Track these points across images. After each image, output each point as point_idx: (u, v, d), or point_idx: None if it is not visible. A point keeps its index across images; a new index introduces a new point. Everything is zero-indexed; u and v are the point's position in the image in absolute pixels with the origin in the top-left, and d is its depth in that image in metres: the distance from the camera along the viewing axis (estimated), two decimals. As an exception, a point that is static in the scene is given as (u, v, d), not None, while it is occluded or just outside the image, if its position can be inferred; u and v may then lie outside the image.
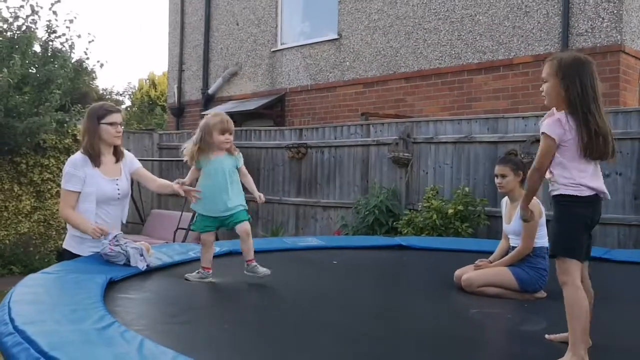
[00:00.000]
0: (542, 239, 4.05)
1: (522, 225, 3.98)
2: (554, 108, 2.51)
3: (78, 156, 3.72)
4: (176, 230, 8.96)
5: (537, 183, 2.54)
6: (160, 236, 9.38)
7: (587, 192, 2.45)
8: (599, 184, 2.51)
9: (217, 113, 3.76)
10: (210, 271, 3.73)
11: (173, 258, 4.24)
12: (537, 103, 8.10)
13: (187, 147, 3.70)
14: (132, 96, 35.41)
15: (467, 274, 4.04)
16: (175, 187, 3.73)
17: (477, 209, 6.76)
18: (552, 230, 2.53)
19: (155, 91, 30.42)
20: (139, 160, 4.11)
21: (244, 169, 3.78)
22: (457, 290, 3.98)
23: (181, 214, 9.20)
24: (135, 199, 10.09)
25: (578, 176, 2.46)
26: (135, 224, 10.47)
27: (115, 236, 3.71)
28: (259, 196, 3.75)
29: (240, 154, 3.78)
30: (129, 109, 33.90)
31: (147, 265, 3.83)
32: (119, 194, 3.77)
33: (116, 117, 3.74)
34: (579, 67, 2.49)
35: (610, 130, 2.51)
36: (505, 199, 4.27)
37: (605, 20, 7.79)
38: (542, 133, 2.49)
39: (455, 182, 7.25)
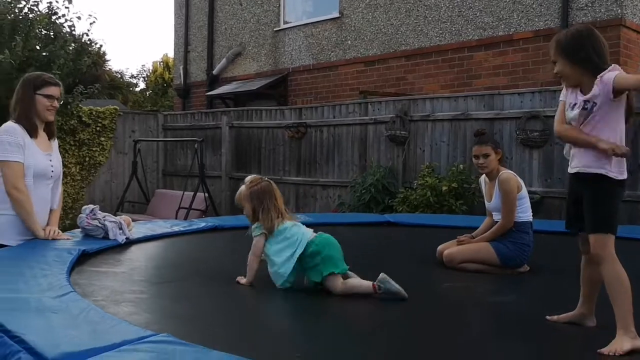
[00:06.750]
0: (525, 214, 4.01)
1: (502, 201, 3.96)
2: (613, 64, 2.39)
3: (12, 124, 3.27)
4: (178, 209, 9.06)
5: None
6: (163, 215, 9.47)
7: (623, 176, 2.39)
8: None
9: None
10: None
11: (155, 232, 4.30)
12: (536, 79, 7.99)
13: None
14: (146, 79, 35.53)
15: (448, 249, 4.03)
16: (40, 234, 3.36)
17: (472, 187, 6.72)
18: (602, 209, 2.39)
19: (170, 74, 30.49)
20: (144, 140, 4.08)
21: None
22: (439, 266, 3.96)
23: (183, 194, 9.29)
24: (139, 179, 10.21)
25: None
26: (140, 204, 10.61)
27: (92, 210, 3.77)
28: None
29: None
30: (143, 92, 34.07)
31: (127, 238, 3.90)
32: (52, 171, 3.39)
33: (54, 90, 3.37)
34: (581, 38, 2.42)
35: None
36: (483, 177, 4.23)
37: (607, -6, 7.62)
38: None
39: (451, 160, 7.20)
